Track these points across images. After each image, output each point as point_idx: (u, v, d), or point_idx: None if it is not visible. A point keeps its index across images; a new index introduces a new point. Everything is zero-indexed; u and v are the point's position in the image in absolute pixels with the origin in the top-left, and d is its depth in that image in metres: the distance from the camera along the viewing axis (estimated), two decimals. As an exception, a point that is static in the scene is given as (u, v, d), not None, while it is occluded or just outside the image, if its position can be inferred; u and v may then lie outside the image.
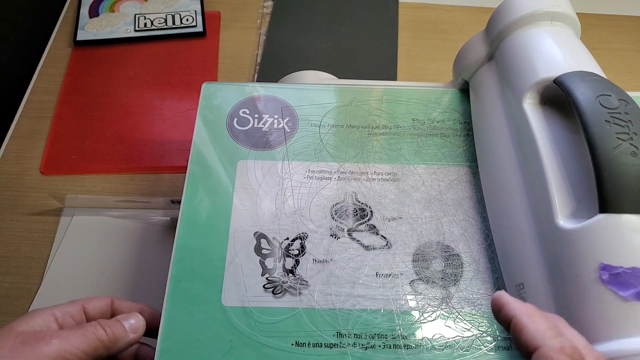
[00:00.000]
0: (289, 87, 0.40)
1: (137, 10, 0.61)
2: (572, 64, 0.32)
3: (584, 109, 0.28)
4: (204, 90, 0.40)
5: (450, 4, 0.63)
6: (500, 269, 0.32)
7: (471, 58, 0.38)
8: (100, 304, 0.31)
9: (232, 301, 0.31)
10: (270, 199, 0.35)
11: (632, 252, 0.25)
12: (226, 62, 0.58)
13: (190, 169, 0.36)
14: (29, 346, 0.25)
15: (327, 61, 0.57)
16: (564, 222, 0.28)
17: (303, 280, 0.32)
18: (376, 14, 0.62)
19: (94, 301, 0.31)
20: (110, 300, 0.31)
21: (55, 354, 0.25)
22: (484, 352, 0.30)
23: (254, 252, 0.33)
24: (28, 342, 0.25)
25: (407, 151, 0.37)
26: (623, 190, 0.26)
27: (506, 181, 0.33)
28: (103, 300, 0.31)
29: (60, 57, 0.57)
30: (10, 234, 0.45)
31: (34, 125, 0.52)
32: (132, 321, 0.29)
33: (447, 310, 0.31)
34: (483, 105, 0.37)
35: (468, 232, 0.34)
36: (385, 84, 0.42)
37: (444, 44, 0.60)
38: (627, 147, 0.27)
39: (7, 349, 0.25)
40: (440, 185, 0.36)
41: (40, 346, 0.25)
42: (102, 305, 0.31)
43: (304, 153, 0.37)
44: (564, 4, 0.35)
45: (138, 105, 0.54)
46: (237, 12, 0.62)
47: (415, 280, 0.32)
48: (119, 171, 0.49)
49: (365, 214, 0.35)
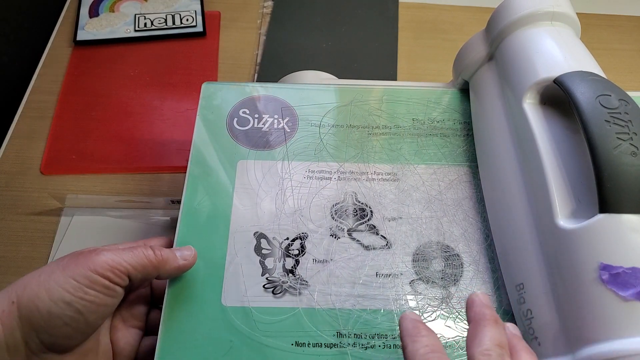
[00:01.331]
0: (289, 87, 0.40)
1: (137, 10, 0.61)
2: (572, 64, 0.32)
3: (584, 109, 0.28)
4: (204, 90, 0.40)
5: (450, 4, 0.63)
6: (500, 269, 0.32)
7: (471, 58, 0.38)
8: (161, 241, 0.34)
9: (232, 301, 0.31)
10: (270, 199, 0.35)
11: (632, 252, 0.25)
12: (226, 62, 0.58)
13: (190, 169, 0.36)
14: (83, 256, 0.28)
15: (327, 61, 0.57)
16: (564, 222, 0.28)
17: (303, 280, 0.32)
18: (376, 14, 0.62)
19: (155, 239, 0.34)
20: (169, 240, 0.34)
21: (104, 262, 0.28)
22: (484, 352, 0.30)
23: (254, 252, 0.33)
24: (83, 254, 0.29)
25: (407, 151, 0.37)
26: (623, 190, 0.26)
27: (506, 181, 0.33)
28: (163, 239, 0.34)
29: (60, 57, 0.57)
30: (10, 234, 0.45)
31: (34, 125, 0.52)
32: (185, 251, 0.32)
33: (447, 310, 0.31)
34: (483, 105, 0.37)
35: (468, 232, 0.34)
36: (385, 84, 0.42)
37: (444, 44, 0.60)
38: (627, 147, 0.27)
39: (66, 259, 0.29)
40: (440, 185, 0.36)
41: (92, 256, 0.28)
42: (162, 242, 0.34)
43: (304, 153, 0.37)
44: (564, 4, 0.35)
45: (138, 105, 0.54)
46: (237, 12, 0.62)
47: (415, 280, 0.32)
48: (119, 171, 0.49)
49: (365, 214, 0.35)
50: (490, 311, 0.26)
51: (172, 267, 0.31)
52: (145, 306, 0.34)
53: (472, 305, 0.27)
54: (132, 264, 0.29)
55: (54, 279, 0.27)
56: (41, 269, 0.28)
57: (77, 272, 0.27)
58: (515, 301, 0.30)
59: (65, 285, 0.27)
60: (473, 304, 0.27)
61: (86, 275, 0.27)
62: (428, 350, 0.24)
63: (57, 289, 0.27)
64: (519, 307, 0.30)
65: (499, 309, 0.32)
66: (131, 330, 0.32)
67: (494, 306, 0.31)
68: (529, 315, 0.29)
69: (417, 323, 0.26)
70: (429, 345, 0.25)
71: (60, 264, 0.28)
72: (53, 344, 0.27)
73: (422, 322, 0.27)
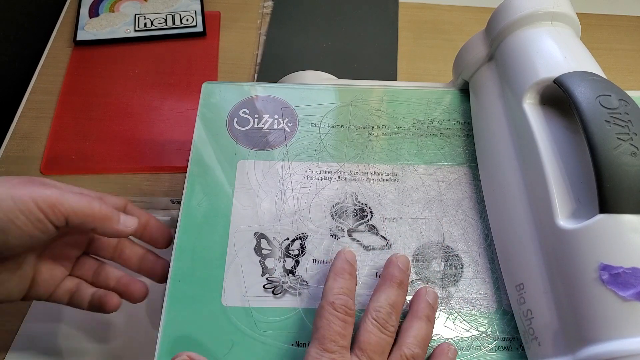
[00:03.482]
0: (289, 87, 0.40)
1: (137, 10, 0.61)
2: (572, 64, 0.32)
3: (584, 109, 0.28)
4: (204, 90, 0.40)
5: (450, 4, 0.63)
6: (500, 269, 0.32)
7: (471, 58, 0.38)
8: (117, 201, 0.34)
9: (232, 301, 0.31)
10: (270, 199, 0.35)
11: (632, 252, 0.25)
12: (226, 62, 0.58)
13: (190, 169, 0.36)
14: (32, 183, 0.29)
15: (327, 61, 0.57)
16: (564, 222, 0.28)
17: (303, 281, 0.32)
18: (376, 14, 0.62)
19: (111, 197, 0.34)
20: (126, 202, 0.35)
21: (46, 197, 0.28)
22: (484, 352, 0.30)
23: (254, 252, 0.33)
24: (35, 182, 0.29)
25: (407, 151, 0.37)
26: (623, 190, 0.26)
27: (506, 181, 0.33)
28: (120, 200, 0.34)
29: (60, 57, 0.57)
30: (10, 234, 0.45)
31: (34, 125, 0.52)
32: (129, 219, 0.32)
33: (446, 311, 0.31)
34: (483, 106, 0.37)
35: (468, 232, 0.34)
36: (385, 84, 0.42)
37: (444, 44, 0.60)
38: (627, 147, 0.27)
39: (20, 180, 0.29)
40: (440, 186, 0.36)
41: (39, 186, 0.28)
42: (118, 202, 0.34)
43: (304, 153, 0.37)
44: (564, 4, 0.35)
45: (138, 105, 0.54)
46: (237, 12, 0.62)
47: (415, 280, 0.32)
48: (119, 171, 0.49)
49: (365, 215, 0.35)
50: (400, 274, 0.30)
51: (111, 227, 0.31)
52: (79, 250, 0.34)
53: (388, 265, 0.31)
54: (74, 209, 0.29)
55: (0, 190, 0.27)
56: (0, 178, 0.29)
57: (19, 194, 0.27)
58: (515, 301, 0.30)
59: (2, 202, 0.27)
60: (390, 264, 0.31)
61: (24, 201, 0.27)
62: (342, 291, 0.28)
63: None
64: (519, 307, 0.30)
65: (499, 309, 0.32)
66: (58, 267, 0.33)
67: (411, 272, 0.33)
68: (529, 315, 0.29)
69: (346, 265, 0.30)
70: (344, 287, 0.29)
71: (12, 181, 0.28)
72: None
73: (351, 265, 0.30)
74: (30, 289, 0.32)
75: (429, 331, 0.29)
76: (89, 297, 0.33)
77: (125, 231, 0.32)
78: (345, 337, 0.27)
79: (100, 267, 0.35)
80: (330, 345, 0.26)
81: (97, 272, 0.35)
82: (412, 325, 0.29)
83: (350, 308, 0.28)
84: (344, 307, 0.28)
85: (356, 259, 0.31)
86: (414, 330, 0.29)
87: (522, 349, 0.30)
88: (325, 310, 0.28)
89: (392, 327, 0.28)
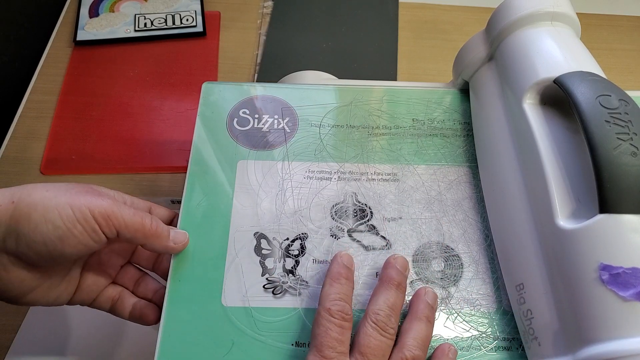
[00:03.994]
0: (289, 87, 0.40)
1: (137, 10, 0.61)
2: (572, 64, 0.32)
3: (584, 109, 0.28)
4: (204, 90, 0.40)
5: (450, 4, 0.63)
6: (500, 269, 0.32)
7: (471, 58, 0.38)
8: (165, 212, 0.35)
9: (232, 301, 0.31)
10: (270, 199, 0.35)
11: (632, 252, 0.25)
12: (226, 62, 0.58)
13: (190, 169, 0.36)
14: (90, 194, 0.29)
15: (327, 61, 0.57)
16: (564, 222, 0.28)
17: (303, 281, 0.32)
18: (376, 14, 0.62)
19: (160, 208, 0.35)
20: (174, 215, 0.35)
21: (103, 209, 0.29)
22: (484, 352, 0.30)
23: (254, 252, 0.33)
24: (92, 192, 0.30)
25: (407, 151, 0.37)
26: (623, 190, 0.26)
27: (506, 181, 0.33)
28: (168, 212, 0.35)
29: (60, 57, 0.57)
30: (10, 234, 0.45)
31: (34, 125, 0.52)
32: (179, 235, 0.32)
33: (446, 311, 0.31)
34: (483, 106, 0.37)
35: (468, 232, 0.34)
36: (385, 84, 0.42)
37: (444, 44, 0.60)
38: (627, 147, 0.27)
39: (77, 188, 0.29)
40: (440, 186, 0.36)
41: (98, 198, 0.29)
42: (165, 214, 0.35)
43: (304, 153, 0.37)
44: (564, 4, 0.35)
45: (138, 106, 0.54)
46: (237, 12, 0.62)
47: (415, 280, 0.32)
48: (119, 171, 0.49)
49: (365, 215, 0.35)
50: (398, 276, 0.30)
51: (160, 244, 0.31)
52: (124, 259, 0.35)
53: (386, 267, 0.31)
54: (127, 223, 0.29)
55: (57, 199, 0.28)
56: (53, 185, 0.29)
57: (77, 203, 0.28)
58: (515, 301, 0.30)
59: (62, 211, 0.27)
60: (388, 265, 0.31)
61: (82, 211, 0.28)
62: (338, 297, 0.28)
63: (53, 210, 0.27)
64: (519, 307, 0.30)
65: (499, 309, 0.32)
66: (103, 274, 0.33)
67: (411, 272, 0.33)
68: (529, 315, 0.29)
69: (342, 269, 0.30)
70: (341, 293, 0.29)
71: (70, 190, 0.29)
72: (25, 254, 0.28)
73: (348, 269, 0.30)
74: (75, 294, 0.32)
75: (429, 332, 0.29)
76: (131, 307, 0.33)
77: (175, 248, 0.32)
78: (343, 342, 0.27)
79: (141, 278, 0.35)
80: (328, 352, 0.27)
81: (139, 282, 0.35)
82: (412, 327, 0.29)
83: (347, 313, 0.28)
84: (340, 312, 0.28)
85: (354, 260, 0.31)
86: (414, 332, 0.29)
87: (522, 349, 0.30)
88: (322, 317, 0.28)
89: (391, 329, 0.28)
